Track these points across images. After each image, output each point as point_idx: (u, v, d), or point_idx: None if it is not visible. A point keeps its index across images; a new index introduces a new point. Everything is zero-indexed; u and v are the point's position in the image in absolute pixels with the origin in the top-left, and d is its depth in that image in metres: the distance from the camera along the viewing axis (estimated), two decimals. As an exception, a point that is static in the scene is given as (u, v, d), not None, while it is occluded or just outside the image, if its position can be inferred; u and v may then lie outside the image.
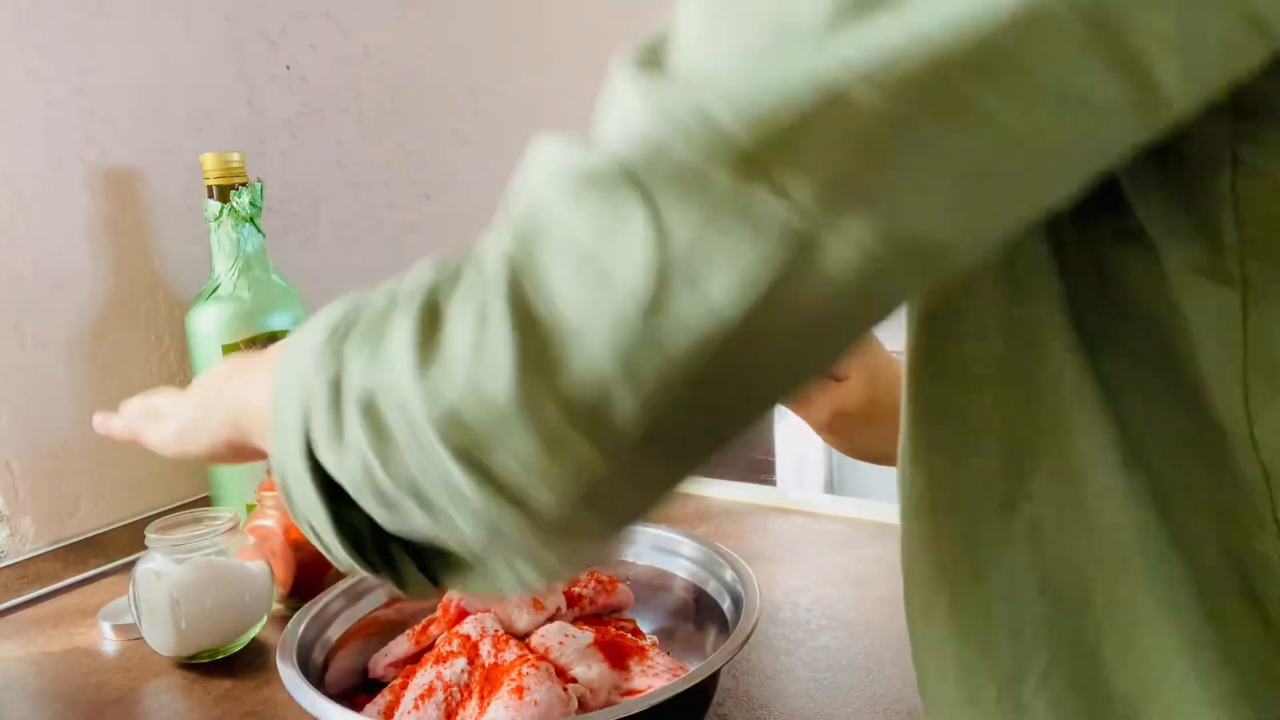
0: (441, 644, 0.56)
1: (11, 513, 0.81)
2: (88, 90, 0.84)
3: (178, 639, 0.64)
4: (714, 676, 0.51)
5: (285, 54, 1.00)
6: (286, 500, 0.35)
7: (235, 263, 0.84)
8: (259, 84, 0.98)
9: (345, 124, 1.07)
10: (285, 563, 0.71)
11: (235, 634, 0.67)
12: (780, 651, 0.62)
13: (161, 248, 0.90)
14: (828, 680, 0.58)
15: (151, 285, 0.90)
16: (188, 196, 0.91)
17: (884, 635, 0.63)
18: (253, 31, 0.97)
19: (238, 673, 0.65)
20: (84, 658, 0.69)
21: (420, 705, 0.52)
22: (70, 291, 0.84)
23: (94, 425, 0.56)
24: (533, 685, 0.50)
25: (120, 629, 0.71)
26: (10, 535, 0.81)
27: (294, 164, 1.02)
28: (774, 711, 0.56)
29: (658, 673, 0.54)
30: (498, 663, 0.54)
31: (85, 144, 0.84)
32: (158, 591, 0.64)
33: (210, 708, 0.61)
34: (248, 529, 0.72)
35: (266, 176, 0.97)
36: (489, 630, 0.56)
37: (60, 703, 0.63)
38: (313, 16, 1.02)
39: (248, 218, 0.84)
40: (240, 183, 0.84)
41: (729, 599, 0.58)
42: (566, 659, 0.54)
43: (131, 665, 0.67)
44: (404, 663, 0.58)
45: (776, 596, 0.69)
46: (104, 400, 0.86)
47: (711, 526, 0.82)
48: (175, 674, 0.66)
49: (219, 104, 0.94)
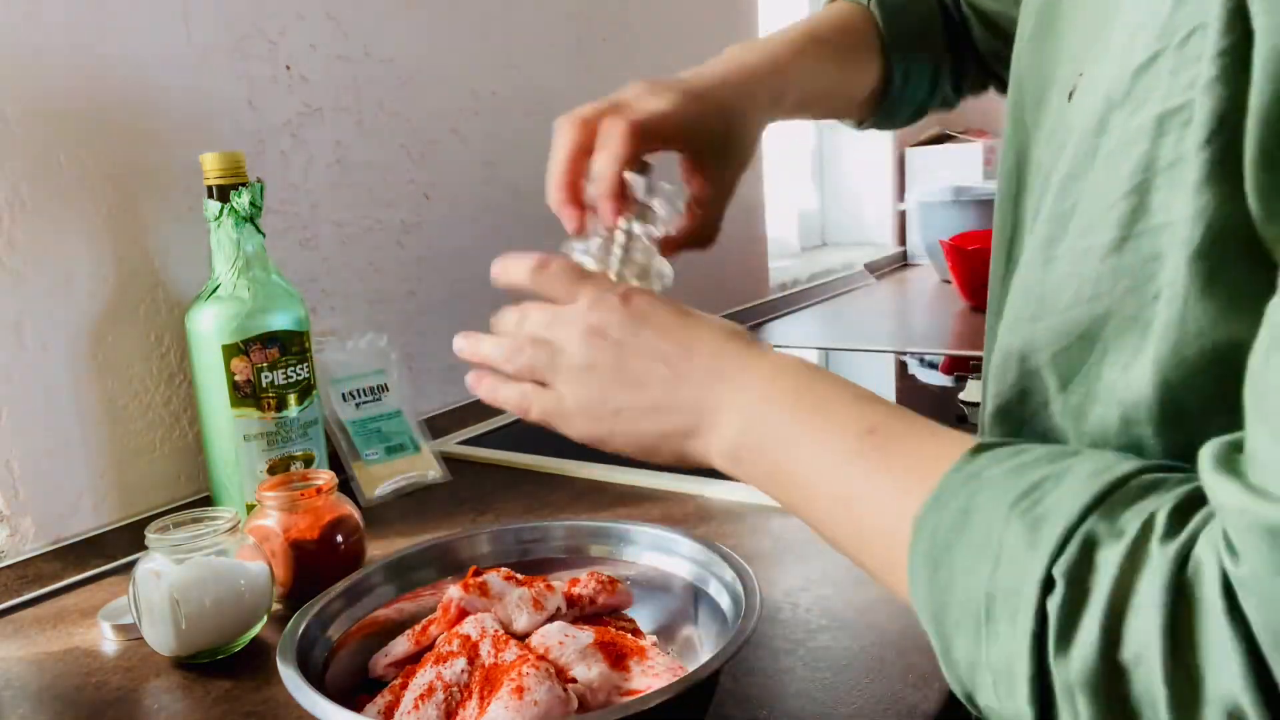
0: (441, 644, 0.56)
1: (11, 513, 0.81)
2: (88, 89, 0.84)
3: (178, 639, 0.64)
4: (714, 676, 0.51)
5: (285, 54, 1.00)
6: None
7: (235, 263, 0.84)
8: (259, 84, 0.98)
9: (345, 124, 1.07)
10: (285, 563, 0.71)
11: (235, 634, 0.67)
12: (780, 651, 0.62)
13: (161, 248, 0.90)
14: (828, 680, 0.58)
15: (151, 285, 0.90)
16: (188, 196, 0.91)
17: (884, 635, 0.63)
18: (253, 31, 0.97)
19: (238, 673, 0.65)
20: (84, 658, 0.69)
21: (420, 705, 0.52)
22: (70, 291, 0.84)
23: (458, 350, 0.55)
24: (533, 685, 0.50)
25: (120, 629, 0.71)
26: (10, 535, 0.81)
27: (294, 164, 1.02)
28: (774, 711, 0.56)
29: (658, 673, 0.53)
30: (498, 663, 0.54)
31: (85, 144, 0.84)
32: (158, 591, 0.64)
33: (210, 708, 0.61)
34: (248, 529, 0.72)
35: (266, 176, 0.97)
36: (489, 630, 0.56)
37: (60, 703, 0.63)
38: (313, 16, 1.02)
39: (248, 218, 0.84)
40: (240, 183, 0.84)
41: (729, 599, 0.58)
42: (566, 659, 0.54)
43: (131, 665, 0.67)
44: (404, 663, 0.58)
45: (776, 596, 0.69)
46: (104, 400, 0.86)
47: (711, 526, 0.82)
48: (175, 674, 0.66)
49: (219, 104, 0.94)
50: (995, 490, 0.34)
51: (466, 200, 1.22)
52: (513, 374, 0.52)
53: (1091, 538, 0.30)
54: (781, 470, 0.44)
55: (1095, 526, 0.31)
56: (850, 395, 0.43)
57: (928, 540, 0.35)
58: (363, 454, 0.98)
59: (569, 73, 1.38)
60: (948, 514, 0.34)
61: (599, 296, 0.49)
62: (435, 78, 1.17)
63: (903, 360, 1.47)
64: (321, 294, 1.05)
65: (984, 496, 0.34)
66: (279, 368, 0.85)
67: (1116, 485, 0.32)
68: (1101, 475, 0.32)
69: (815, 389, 0.44)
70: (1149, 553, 0.29)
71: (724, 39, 1.73)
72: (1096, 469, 0.32)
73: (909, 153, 2.47)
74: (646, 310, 0.49)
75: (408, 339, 1.15)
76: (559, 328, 0.50)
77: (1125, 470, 0.32)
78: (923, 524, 0.35)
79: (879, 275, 2.29)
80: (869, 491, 0.39)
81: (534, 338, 0.51)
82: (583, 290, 0.50)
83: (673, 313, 0.49)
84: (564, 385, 0.50)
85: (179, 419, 0.92)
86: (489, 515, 0.90)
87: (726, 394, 0.46)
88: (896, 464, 0.39)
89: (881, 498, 0.39)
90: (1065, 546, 0.31)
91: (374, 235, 1.11)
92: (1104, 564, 0.30)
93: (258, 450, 0.85)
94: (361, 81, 1.08)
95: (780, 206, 2.29)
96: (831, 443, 0.41)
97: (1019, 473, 0.34)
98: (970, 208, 1.98)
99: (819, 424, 0.42)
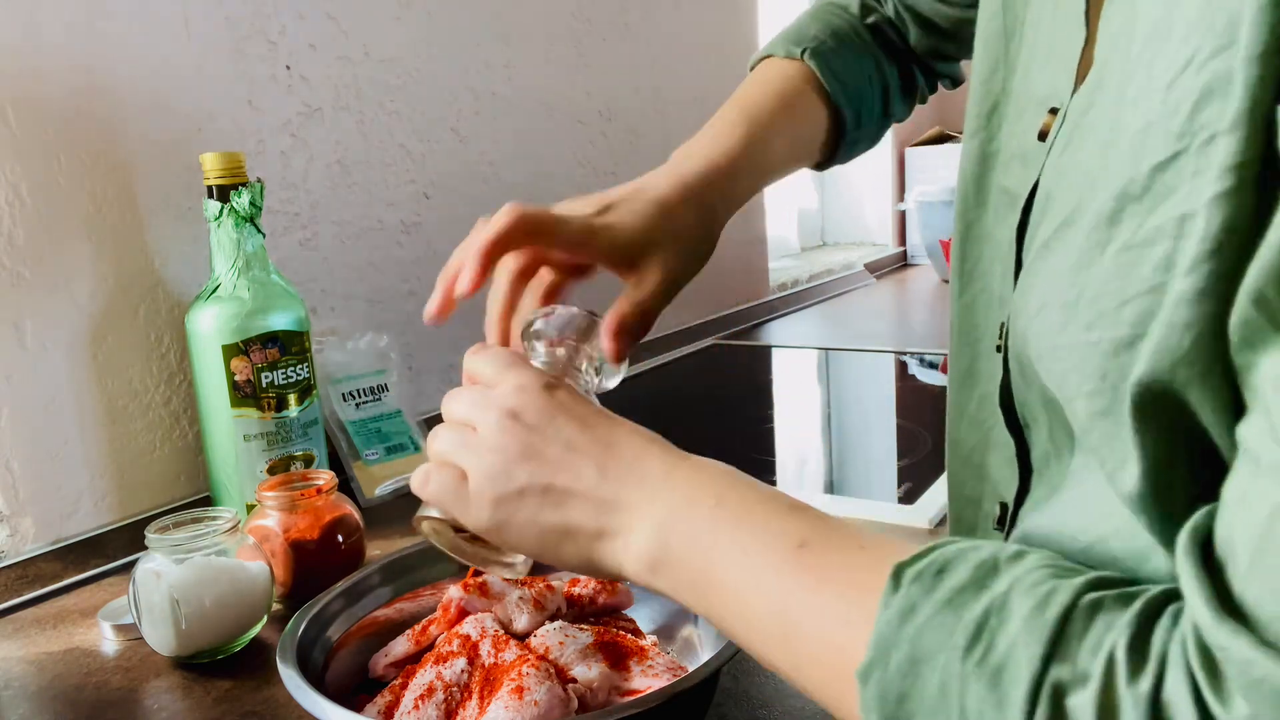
0: (441, 644, 0.56)
1: (11, 513, 0.81)
2: (88, 90, 0.84)
3: (178, 639, 0.64)
4: (714, 676, 0.51)
5: (285, 54, 1.00)
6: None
7: (235, 263, 0.84)
8: (259, 84, 0.98)
9: (345, 124, 1.07)
10: (285, 563, 0.71)
11: (235, 634, 0.67)
12: (780, 651, 0.62)
13: (161, 248, 0.90)
14: (828, 680, 0.58)
15: (151, 285, 0.90)
16: (188, 196, 0.91)
17: (884, 635, 0.63)
18: (253, 31, 0.97)
19: (238, 673, 0.65)
20: (84, 658, 0.69)
21: (420, 705, 0.52)
22: (70, 291, 0.84)
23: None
24: (533, 685, 0.50)
25: (120, 629, 0.71)
26: (10, 535, 0.81)
27: (294, 164, 1.02)
28: (774, 711, 0.56)
29: (658, 673, 0.53)
30: (498, 663, 0.54)
31: (85, 144, 0.84)
32: (158, 591, 0.64)
33: (210, 708, 0.61)
34: (248, 529, 0.72)
35: (266, 176, 0.97)
36: (489, 630, 0.56)
37: (60, 703, 0.63)
38: (313, 16, 1.03)
39: (248, 218, 0.84)
40: (240, 183, 0.84)
41: (729, 599, 0.58)
42: (566, 659, 0.54)
43: (131, 665, 0.67)
44: (404, 663, 0.58)
45: (776, 596, 0.69)
46: (104, 400, 0.86)
47: (711, 526, 0.82)
48: (175, 674, 0.66)
49: (219, 104, 0.95)
50: (938, 634, 0.33)
51: (466, 200, 1.22)
52: (430, 456, 0.49)
53: (1059, 689, 0.30)
54: (708, 581, 0.42)
55: (1059, 675, 0.30)
56: (780, 505, 0.42)
57: (877, 698, 0.34)
58: (363, 454, 0.98)
59: (569, 73, 1.38)
60: (894, 667, 0.34)
61: (522, 384, 0.47)
62: (435, 78, 1.17)
63: (903, 360, 1.47)
64: (321, 294, 1.05)
65: (927, 642, 0.33)
66: (279, 368, 0.85)
67: (1064, 619, 0.31)
68: (1045, 610, 0.32)
69: (743, 497, 0.42)
70: (1119, 698, 0.29)
71: (724, 39, 1.73)
72: (1037, 602, 0.32)
73: (909, 153, 2.47)
74: (568, 403, 0.47)
75: (408, 339, 1.15)
76: (478, 410, 0.47)
77: (1067, 599, 0.32)
78: (868, 678, 0.34)
79: (879, 275, 2.29)
80: (805, 615, 0.38)
81: (455, 420, 0.49)
82: (509, 375, 0.48)
83: (594, 411, 0.47)
84: (468, 460, 0.46)
85: (179, 419, 0.92)
86: (489, 515, 0.90)
87: (646, 497, 0.43)
88: (829, 586, 0.38)
89: (820, 623, 0.38)
90: (1035, 703, 0.30)
91: (374, 235, 1.11)
92: (1077, 718, 0.30)
93: (258, 450, 0.85)
94: (361, 81, 1.08)
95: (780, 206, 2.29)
96: (763, 555, 0.40)
97: (954, 608, 0.33)
98: (970, 208, 1.98)
99: (747, 533, 0.41)
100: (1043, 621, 0.31)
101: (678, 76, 1.61)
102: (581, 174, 1.41)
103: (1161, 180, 0.31)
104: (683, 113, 1.62)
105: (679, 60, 1.62)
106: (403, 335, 1.14)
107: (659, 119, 1.57)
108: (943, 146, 2.43)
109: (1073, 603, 0.32)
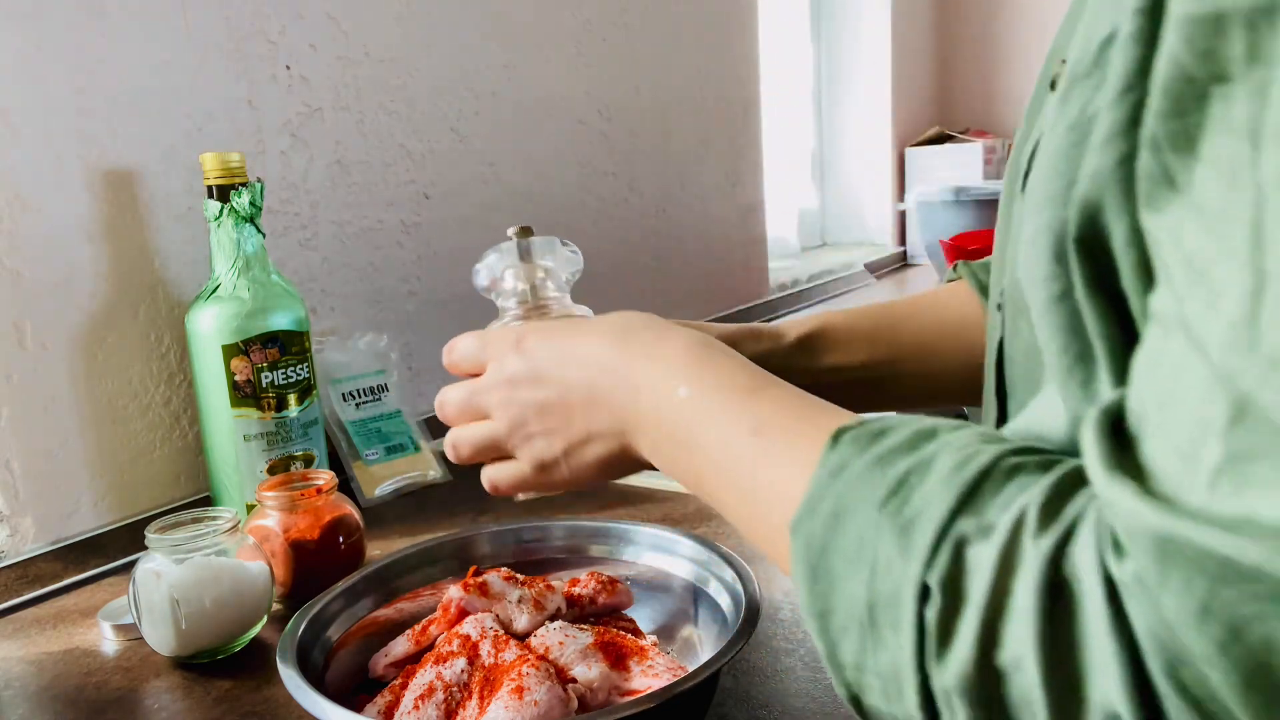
0: (441, 644, 0.56)
1: (11, 513, 0.81)
2: (88, 90, 0.84)
3: (178, 639, 0.64)
4: (714, 676, 0.51)
5: (285, 54, 1.00)
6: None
7: (235, 263, 0.84)
8: (259, 84, 0.98)
9: (345, 124, 1.07)
10: (285, 563, 0.71)
11: (235, 634, 0.67)
12: (780, 651, 0.62)
13: (161, 248, 0.90)
14: (827, 680, 0.58)
15: (151, 285, 0.90)
16: (188, 196, 0.91)
17: (884, 635, 0.63)
18: (253, 31, 0.97)
19: (238, 673, 0.65)
20: (84, 658, 0.69)
21: (420, 705, 0.52)
22: (70, 291, 0.84)
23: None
24: (533, 685, 0.50)
25: (120, 629, 0.71)
26: (10, 535, 0.81)
27: (294, 164, 1.02)
28: (774, 711, 0.56)
29: (658, 673, 0.53)
30: (498, 663, 0.54)
31: (85, 144, 0.84)
32: (158, 591, 0.64)
33: (210, 708, 0.61)
34: (248, 529, 0.72)
35: (266, 176, 0.97)
36: (489, 630, 0.56)
37: (60, 703, 0.63)
38: (313, 16, 1.02)
39: (248, 218, 0.84)
40: (240, 183, 0.84)
41: (729, 599, 0.58)
42: (566, 659, 0.54)
43: (131, 665, 0.67)
44: (404, 663, 0.58)
45: (776, 596, 0.69)
46: (104, 400, 0.86)
47: (711, 527, 0.82)
48: (175, 674, 0.66)
49: (219, 104, 0.94)
50: (861, 488, 0.34)
51: (466, 200, 1.22)
52: (466, 460, 0.55)
53: (962, 540, 0.30)
54: (687, 463, 0.45)
55: (964, 527, 0.30)
56: (737, 390, 0.44)
57: (804, 547, 0.35)
58: (363, 454, 0.98)
59: (569, 73, 1.38)
60: (819, 519, 0.35)
61: (499, 362, 0.52)
62: (435, 78, 1.17)
63: (903, 360, 1.46)
64: (321, 294, 1.05)
65: (852, 496, 0.34)
66: (279, 368, 0.85)
67: (981, 478, 0.31)
68: (964, 469, 0.32)
69: (703, 384, 0.45)
70: (1022, 551, 0.29)
71: (724, 39, 1.73)
72: (958, 461, 0.32)
73: (909, 153, 2.47)
74: (535, 349, 0.51)
75: (408, 339, 1.15)
76: (479, 396, 0.53)
77: (987, 459, 0.32)
78: (798, 530, 0.35)
79: (879, 275, 2.29)
80: (759, 489, 0.41)
81: (460, 417, 0.54)
82: (486, 359, 0.53)
83: (560, 336, 0.51)
84: (506, 445, 0.52)
85: (179, 419, 0.92)
86: (489, 515, 0.90)
87: (629, 399, 0.48)
88: (780, 464, 0.40)
89: (769, 494, 0.40)
90: (937, 552, 0.30)
91: (374, 235, 1.11)
92: (977, 568, 0.29)
93: (258, 450, 0.85)
94: (361, 81, 1.08)
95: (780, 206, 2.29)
96: (722, 443, 0.43)
97: (881, 465, 0.34)
98: (970, 208, 1.98)
99: (707, 424, 0.44)
100: (959, 479, 0.32)
101: (678, 76, 1.61)
102: (581, 174, 1.41)
103: (1105, 56, 0.31)
104: (682, 113, 1.62)
105: (679, 60, 1.62)
106: (403, 335, 1.14)
107: (659, 119, 1.57)
108: (943, 146, 2.43)
109: (993, 464, 0.32)
